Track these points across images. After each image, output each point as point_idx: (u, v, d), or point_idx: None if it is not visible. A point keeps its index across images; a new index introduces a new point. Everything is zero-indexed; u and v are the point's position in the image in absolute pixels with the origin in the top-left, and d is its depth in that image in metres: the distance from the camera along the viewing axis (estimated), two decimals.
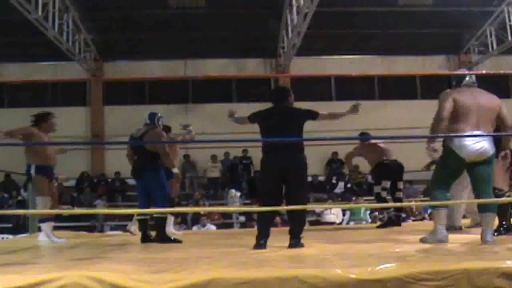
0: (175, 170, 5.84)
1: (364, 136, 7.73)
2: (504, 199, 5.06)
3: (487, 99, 4.55)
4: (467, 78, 4.66)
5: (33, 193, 6.16)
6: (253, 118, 4.90)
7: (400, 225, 7.15)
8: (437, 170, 4.58)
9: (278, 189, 4.71)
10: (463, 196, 5.79)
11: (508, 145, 4.78)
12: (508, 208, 5.28)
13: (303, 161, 4.71)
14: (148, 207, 5.75)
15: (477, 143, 4.32)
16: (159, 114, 6.00)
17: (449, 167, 4.45)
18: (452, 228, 5.74)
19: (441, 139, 4.51)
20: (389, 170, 7.07)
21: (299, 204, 4.53)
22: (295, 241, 4.59)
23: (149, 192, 5.78)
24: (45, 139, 6.00)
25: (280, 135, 4.60)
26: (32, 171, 5.87)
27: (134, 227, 6.75)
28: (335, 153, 14.65)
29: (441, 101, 4.46)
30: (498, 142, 4.70)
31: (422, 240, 4.42)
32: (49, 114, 6.15)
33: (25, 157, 6.04)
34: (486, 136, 4.35)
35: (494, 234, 5.04)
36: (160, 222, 5.76)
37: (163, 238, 5.61)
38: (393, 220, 7.08)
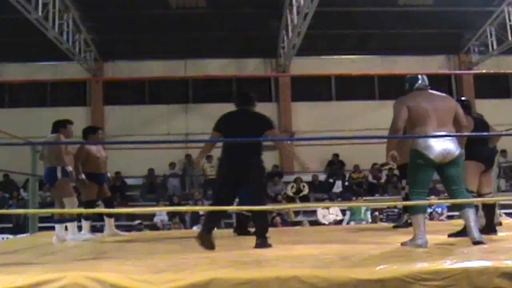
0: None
1: (362, 136, 7.69)
2: (480, 199, 5.13)
3: (443, 101, 4.54)
4: (419, 82, 4.62)
5: (54, 195, 6.39)
6: (217, 127, 4.94)
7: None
8: (411, 176, 4.52)
9: (229, 190, 4.75)
10: None
11: (464, 145, 4.71)
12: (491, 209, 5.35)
13: (257, 164, 4.78)
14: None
15: (442, 144, 4.32)
16: None
17: (420, 169, 4.39)
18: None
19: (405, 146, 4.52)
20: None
21: (252, 204, 4.57)
22: (260, 241, 4.64)
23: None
24: (68, 147, 6.29)
25: (239, 137, 4.67)
26: (59, 173, 6.06)
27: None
28: (335, 155, 14.62)
29: (395, 111, 4.47)
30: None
31: (403, 245, 4.41)
32: (69, 122, 6.40)
33: (46, 160, 6.26)
34: (450, 136, 4.36)
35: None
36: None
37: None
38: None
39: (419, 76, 4.68)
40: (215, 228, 4.76)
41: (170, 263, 3.68)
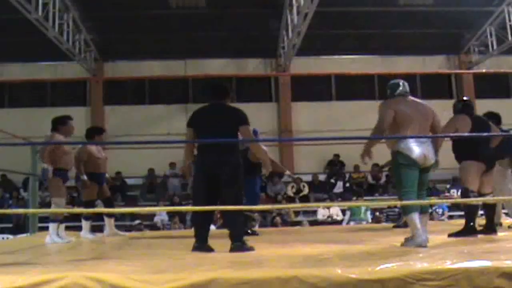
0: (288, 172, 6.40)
1: (362, 137, 7.70)
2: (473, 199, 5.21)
3: (423, 108, 4.71)
4: (400, 88, 4.74)
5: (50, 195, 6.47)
6: (190, 123, 4.74)
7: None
8: (397, 177, 4.61)
9: (207, 190, 4.53)
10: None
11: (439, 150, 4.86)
12: (476, 210, 5.40)
13: (234, 162, 4.55)
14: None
15: (421, 147, 4.44)
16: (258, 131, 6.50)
17: (405, 168, 4.48)
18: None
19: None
20: None
21: (230, 205, 4.39)
22: (235, 245, 4.43)
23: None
24: (66, 146, 6.24)
25: (213, 134, 4.49)
26: (50, 173, 6.02)
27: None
28: (336, 155, 14.57)
29: (380, 112, 4.57)
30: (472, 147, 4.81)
31: (403, 245, 4.42)
32: (68, 118, 6.32)
33: (41, 160, 6.27)
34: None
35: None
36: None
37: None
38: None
39: (400, 83, 4.80)
40: (207, 233, 4.60)
41: (170, 263, 3.68)
